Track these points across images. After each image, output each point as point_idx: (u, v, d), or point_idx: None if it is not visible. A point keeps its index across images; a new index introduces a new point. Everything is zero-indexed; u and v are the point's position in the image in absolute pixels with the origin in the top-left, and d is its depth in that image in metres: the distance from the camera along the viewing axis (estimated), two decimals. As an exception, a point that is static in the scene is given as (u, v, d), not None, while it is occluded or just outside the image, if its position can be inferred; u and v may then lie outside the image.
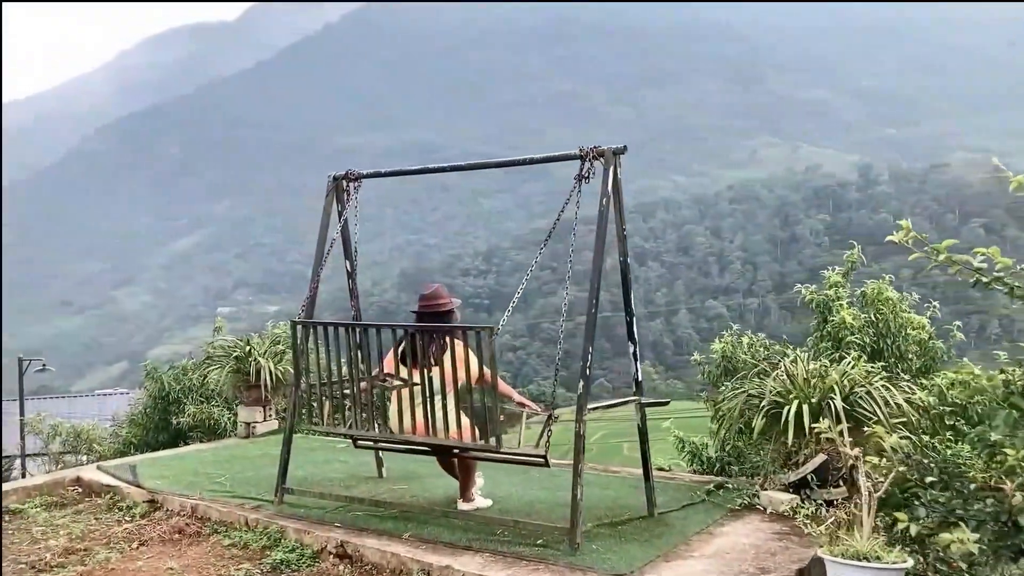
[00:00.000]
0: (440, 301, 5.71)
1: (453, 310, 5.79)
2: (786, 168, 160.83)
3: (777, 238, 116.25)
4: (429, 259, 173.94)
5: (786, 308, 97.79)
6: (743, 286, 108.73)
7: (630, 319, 5.54)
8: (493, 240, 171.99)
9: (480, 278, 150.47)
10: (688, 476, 6.87)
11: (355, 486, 6.52)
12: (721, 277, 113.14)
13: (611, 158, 5.19)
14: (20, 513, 6.26)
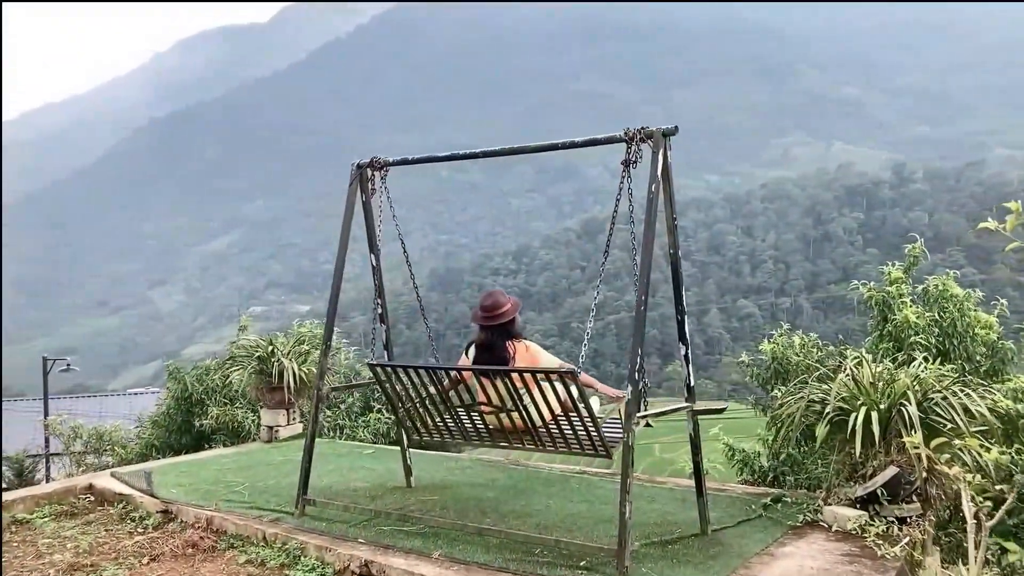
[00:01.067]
0: (499, 311, 5.45)
1: (515, 318, 5.54)
2: (818, 167, 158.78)
3: (809, 237, 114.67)
4: (459, 259, 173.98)
5: (819, 307, 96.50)
6: (775, 285, 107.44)
7: (681, 317, 5.05)
8: (523, 240, 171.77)
9: (510, 277, 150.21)
10: (740, 488, 6.35)
11: (382, 496, 6.08)
12: (753, 276, 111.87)
13: (660, 140, 4.70)
14: (27, 523, 5.90)
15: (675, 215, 4.93)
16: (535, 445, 5.03)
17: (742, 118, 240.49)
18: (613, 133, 4.87)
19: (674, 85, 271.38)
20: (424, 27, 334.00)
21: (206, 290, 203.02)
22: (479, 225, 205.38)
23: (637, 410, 4.46)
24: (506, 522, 5.38)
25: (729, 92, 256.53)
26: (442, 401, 5.20)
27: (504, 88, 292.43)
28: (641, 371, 4.48)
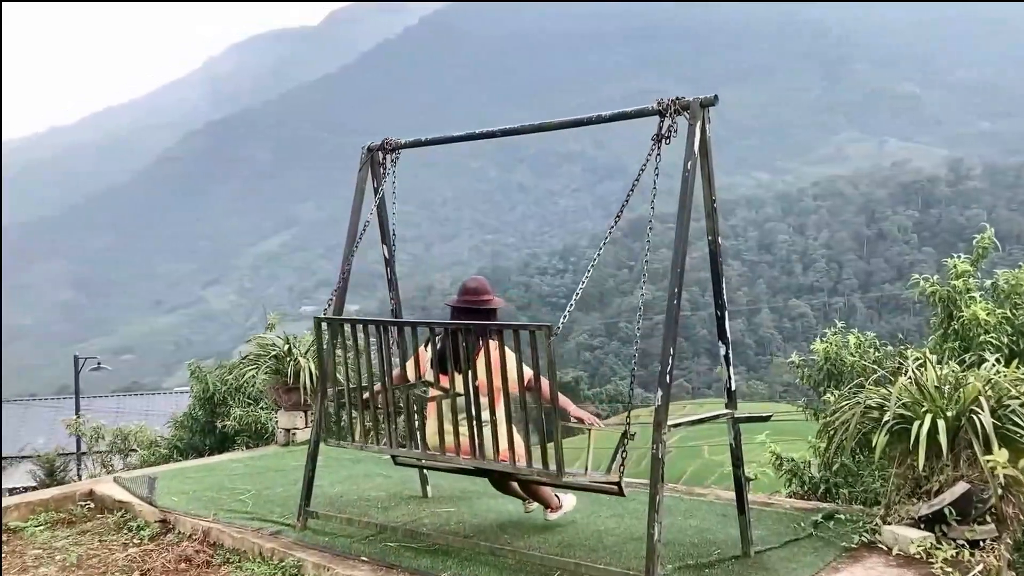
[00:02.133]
0: (484, 297, 4.80)
1: (496, 310, 4.88)
2: (873, 164, 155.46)
3: (863, 235, 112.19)
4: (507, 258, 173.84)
5: (872, 307, 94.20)
6: (827, 285, 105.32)
7: (721, 314, 4.49)
8: (569, 239, 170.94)
9: (557, 277, 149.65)
10: (788, 502, 5.75)
11: (394, 507, 5.62)
12: (804, 276, 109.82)
13: (698, 111, 4.16)
14: (19, 532, 5.55)
15: (714, 197, 4.37)
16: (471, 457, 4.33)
17: (794, 115, 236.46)
18: (644, 106, 4.33)
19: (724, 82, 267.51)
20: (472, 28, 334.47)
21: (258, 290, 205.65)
22: (526, 225, 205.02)
23: (666, 417, 3.92)
24: (526, 539, 4.88)
25: (781, 89, 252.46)
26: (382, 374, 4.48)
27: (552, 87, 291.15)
28: (671, 372, 3.93)
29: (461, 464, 4.46)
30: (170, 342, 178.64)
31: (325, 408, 4.97)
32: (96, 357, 19.21)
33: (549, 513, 5.08)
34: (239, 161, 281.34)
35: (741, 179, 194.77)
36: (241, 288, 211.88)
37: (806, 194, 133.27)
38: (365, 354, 4.57)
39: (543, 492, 5.04)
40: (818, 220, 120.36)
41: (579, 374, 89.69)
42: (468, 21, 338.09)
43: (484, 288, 4.85)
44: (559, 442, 4.00)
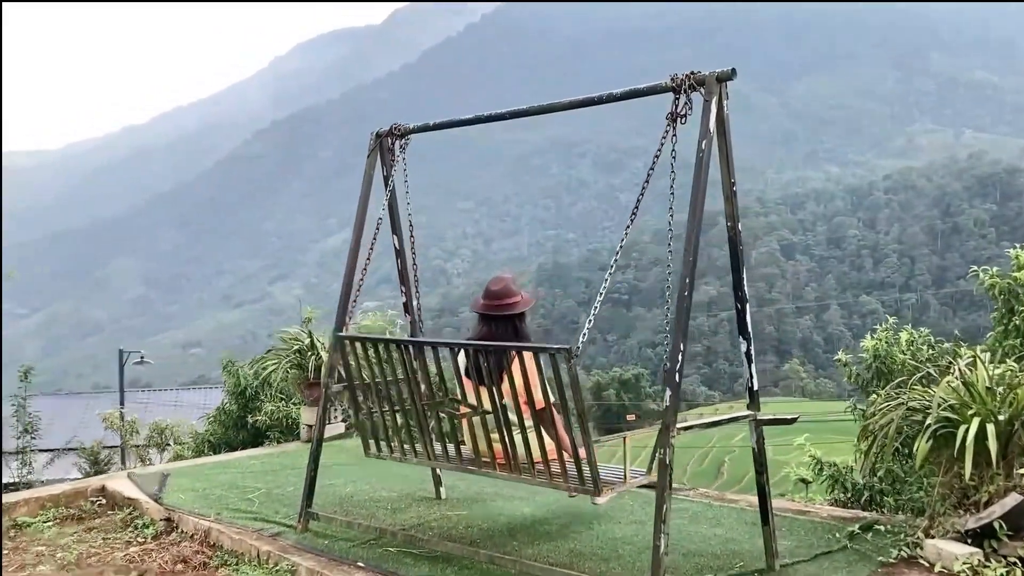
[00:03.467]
0: (509, 300, 4.51)
1: (523, 313, 4.58)
2: (948, 155, 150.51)
3: (937, 229, 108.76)
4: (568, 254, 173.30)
5: (947, 304, 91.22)
6: (899, 280, 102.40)
7: (741, 306, 4.11)
8: (632, 235, 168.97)
9: (619, 273, 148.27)
10: (826, 510, 5.33)
11: (404, 509, 5.37)
12: (875, 271, 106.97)
13: (714, 86, 3.81)
14: (25, 528, 5.45)
15: (733, 179, 4.00)
16: (508, 472, 4.12)
17: (866, 106, 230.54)
18: (657, 82, 3.99)
19: (793, 74, 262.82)
20: (534, 25, 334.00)
21: (323, 285, 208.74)
22: (588, 220, 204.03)
23: (675, 420, 3.58)
24: (535, 546, 4.58)
25: (851, 80, 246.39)
26: (409, 393, 4.29)
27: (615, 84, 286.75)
28: (680, 370, 3.59)
29: (498, 476, 4.24)
30: (237, 336, 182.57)
31: (361, 422, 4.71)
32: (140, 351, 19.43)
33: (596, 498, 4.70)
34: (305, 159, 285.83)
35: (811, 172, 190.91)
36: (307, 284, 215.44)
37: (877, 187, 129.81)
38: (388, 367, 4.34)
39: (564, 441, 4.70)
40: (890, 214, 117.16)
41: (640, 371, 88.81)
42: (531, 19, 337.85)
43: (508, 290, 4.54)
44: (593, 459, 3.74)
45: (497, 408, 3.90)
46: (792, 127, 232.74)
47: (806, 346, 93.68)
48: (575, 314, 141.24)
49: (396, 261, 5.44)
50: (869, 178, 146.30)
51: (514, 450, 3.99)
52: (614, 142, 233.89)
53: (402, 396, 4.37)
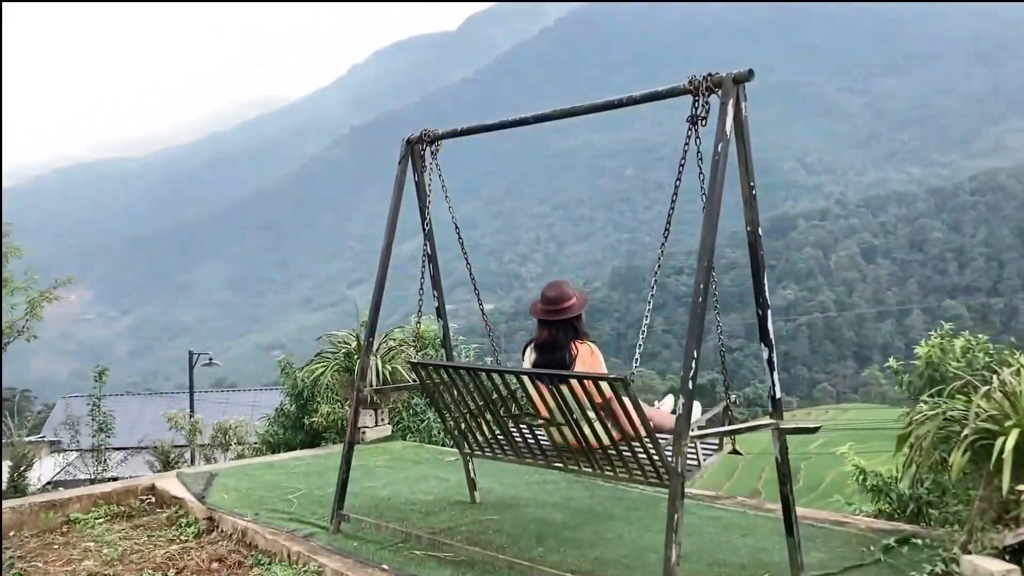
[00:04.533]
0: (565, 304, 4.67)
1: (579, 316, 4.76)
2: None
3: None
4: (642, 257, 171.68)
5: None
6: (986, 285, 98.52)
7: (763, 313, 4.03)
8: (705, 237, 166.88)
9: (693, 276, 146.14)
10: (865, 522, 5.18)
11: (437, 513, 5.41)
12: (960, 275, 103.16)
13: (731, 88, 3.75)
14: (77, 524, 5.66)
15: (752, 183, 3.94)
16: (592, 468, 4.21)
17: (951, 105, 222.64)
18: (675, 85, 3.95)
19: (876, 73, 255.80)
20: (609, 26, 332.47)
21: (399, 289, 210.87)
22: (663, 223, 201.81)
23: (687, 428, 3.53)
24: (560, 552, 4.57)
25: (936, 78, 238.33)
26: (488, 409, 4.46)
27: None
28: (695, 377, 3.54)
29: (582, 472, 4.36)
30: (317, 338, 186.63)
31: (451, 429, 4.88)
32: (208, 353, 19.99)
33: None
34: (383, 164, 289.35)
35: (892, 174, 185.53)
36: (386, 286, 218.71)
37: (963, 189, 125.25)
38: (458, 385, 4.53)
39: None
40: (976, 216, 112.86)
41: (715, 376, 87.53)
42: (605, 19, 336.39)
43: (563, 294, 4.71)
44: (663, 454, 3.77)
45: (567, 416, 4.01)
46: (874, 127, 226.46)
47: (887, 352, 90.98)
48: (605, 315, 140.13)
49: (428, 266, 5.49)
50: (954, 179, 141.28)
51: (587, 441, 4.09)
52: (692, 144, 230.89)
53: (483, 409, 4.52)
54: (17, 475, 11.23)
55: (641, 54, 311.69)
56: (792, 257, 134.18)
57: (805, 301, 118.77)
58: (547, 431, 4.35)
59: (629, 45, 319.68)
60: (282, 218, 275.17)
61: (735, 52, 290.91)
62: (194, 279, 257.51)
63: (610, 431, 3.98)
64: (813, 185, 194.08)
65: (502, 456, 4.72)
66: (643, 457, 3.93)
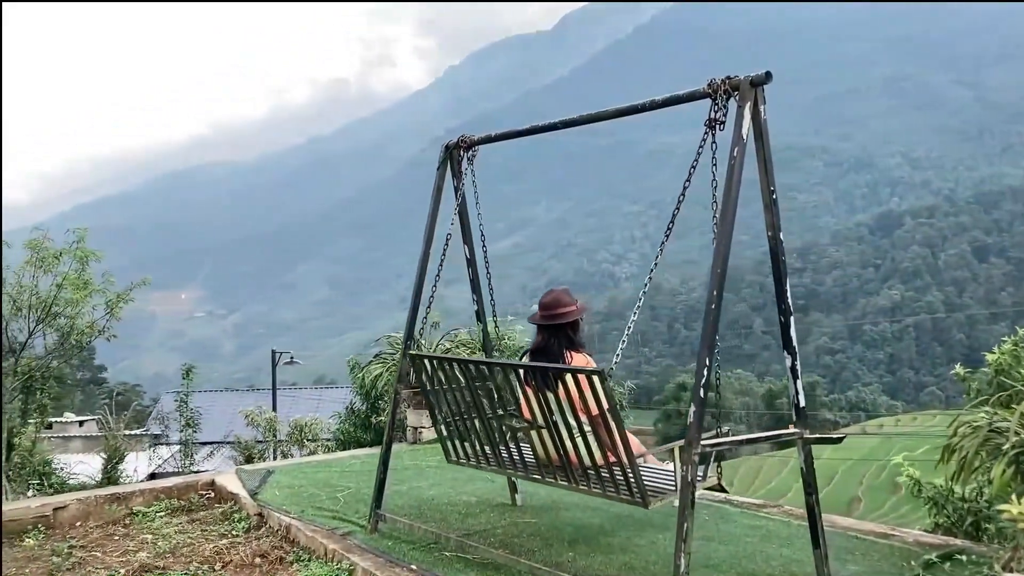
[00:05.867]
0: (560, 311, 4.68)
1: (578, 321, 4.74)
2: None
3: None
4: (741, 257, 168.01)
5: None
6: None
7: (785, 319, 3.94)
8: (808, 236, 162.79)
9: (794, 277, 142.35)
10: (914, 535, 4.99)
11: (476, 515, 5.47)
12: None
13: (747, 91, 3.68)
14: (138, 517, 5.94)
15: (772, 187, 3.85)
16: (569, 482, 4.16)
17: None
18: (694, 89, 3.90)
19: (987, 63, 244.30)
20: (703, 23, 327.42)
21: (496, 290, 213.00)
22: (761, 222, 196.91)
23: (699, 437, 3.48)
24: (589, 557, 4.57)
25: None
26: (476, 407, 4.46)
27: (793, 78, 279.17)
28: (707, 385, 3.48)
29: (558, 485, 4.29)
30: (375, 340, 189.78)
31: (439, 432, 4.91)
32: (290, 352, 20.58)
33: None
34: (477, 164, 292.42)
35: (1007, 168, 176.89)
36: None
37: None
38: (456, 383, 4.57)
39: None
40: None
41: (816, 379, 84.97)
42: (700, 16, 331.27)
43: (557, 301, 4.72)
44: (638, 474, 3.72)
45: (548, 420, 3.99)
46: (987, 120, 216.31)
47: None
48: (747, 319, 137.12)
49: (467, 271, 5.56)
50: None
51: (568, 456, 4.05)
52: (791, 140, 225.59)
53: (471, 408, 4.52)
54: (110, 467, 11.82)
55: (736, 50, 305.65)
56: (898, 256, 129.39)
57: (912, 302, 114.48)
58: (529, 441, 4.32)
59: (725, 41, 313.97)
60: (379, 219, 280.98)
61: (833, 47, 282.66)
62: (295, 279, 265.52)
63: (592, 451, 3.92)
64: (920, 181, 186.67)
65: (485, 465, 4.69)
66: (619, 476, 3.87)
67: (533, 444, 4.30)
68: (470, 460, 4.77)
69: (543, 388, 3.99)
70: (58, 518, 5.72)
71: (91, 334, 8.95)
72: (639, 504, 3.85)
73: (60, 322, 8.66)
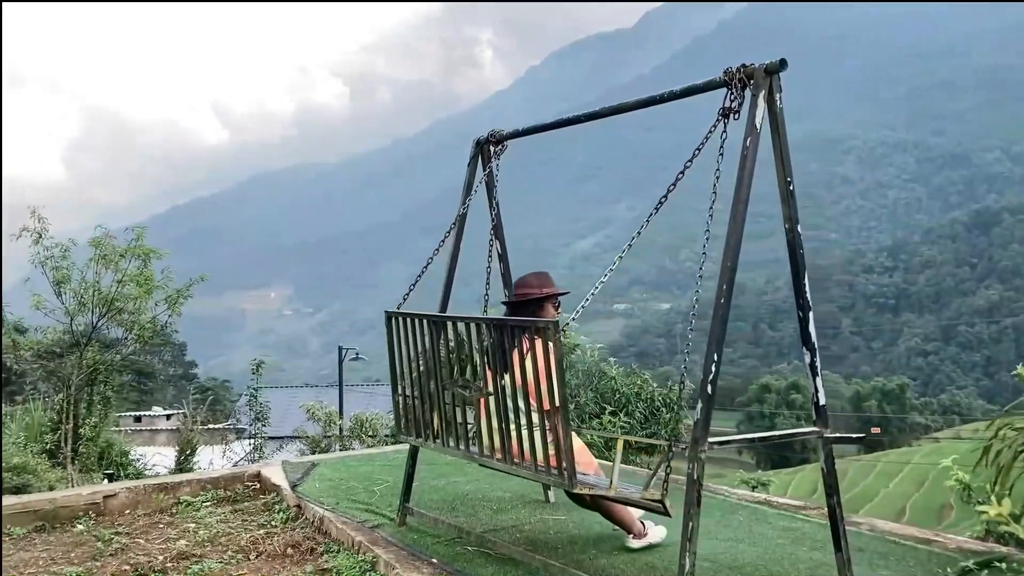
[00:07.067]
0: (524, 290, 4.70)
1: (542, 301, 4.63)
2: None
3: None
4: (827, 255, 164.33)
5: None
6: None
7: (803, 315, 3.82)
8: (900, 234, 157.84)
9: (885, 275, 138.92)
10: (958, 541, 4.78)
11: (507, 510, 5.47)
12: None
13: (762, 80, 3.58)
14: (185, 507, 6.12)
15: (789, 179, 3.74)
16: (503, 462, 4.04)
17: None
18: (712, 78, 3.82)
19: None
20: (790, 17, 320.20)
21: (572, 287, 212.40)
22: (851, 219, 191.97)
23: (706, 435, 3.40)
24: (609, 557, 4.52)
25: None
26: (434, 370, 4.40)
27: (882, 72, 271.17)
28: (714, 382, 3.40)
29: (494, 467, 4.20)
30: None
31: (396, 404, 4.91)
32: (355, 348, 20.94)
33: (631, 540, 4.62)
34: (557, 164, 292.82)
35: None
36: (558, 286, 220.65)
37: None
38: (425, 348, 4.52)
39: (620, 514, 4.59)
40: None
41: (906, 381, 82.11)
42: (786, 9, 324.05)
43: (523, 282, 4.78)
44: (571, 448, 3.61)
45: (500, 401, 3.89)
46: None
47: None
48: (835, 319, 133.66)
49: (499, 265, 5.58)
50: None
51: (509, 442, 3.93)
52: (881, 136, 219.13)
53: (427, 376, 4.47)
54: (183, 459, 12.24)
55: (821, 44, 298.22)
56: (996, 255, 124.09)
57: (1011, 302, 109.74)
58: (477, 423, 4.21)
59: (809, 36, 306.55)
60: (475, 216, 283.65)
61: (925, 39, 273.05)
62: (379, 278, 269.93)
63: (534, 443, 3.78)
64: (1020, 176, 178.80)
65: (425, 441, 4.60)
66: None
67: (479, 425, 4.18)
68: (411, 436, 4.73)
69: (500, 370, 3.91)
70: (108, 505, 5.94)
71: (152, 329, 9.30)
72: (563, 485, 3.73)
73: (123, 317, 9.04)
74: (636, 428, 9.86)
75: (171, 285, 9.27)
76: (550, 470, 3.74)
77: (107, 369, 9.24)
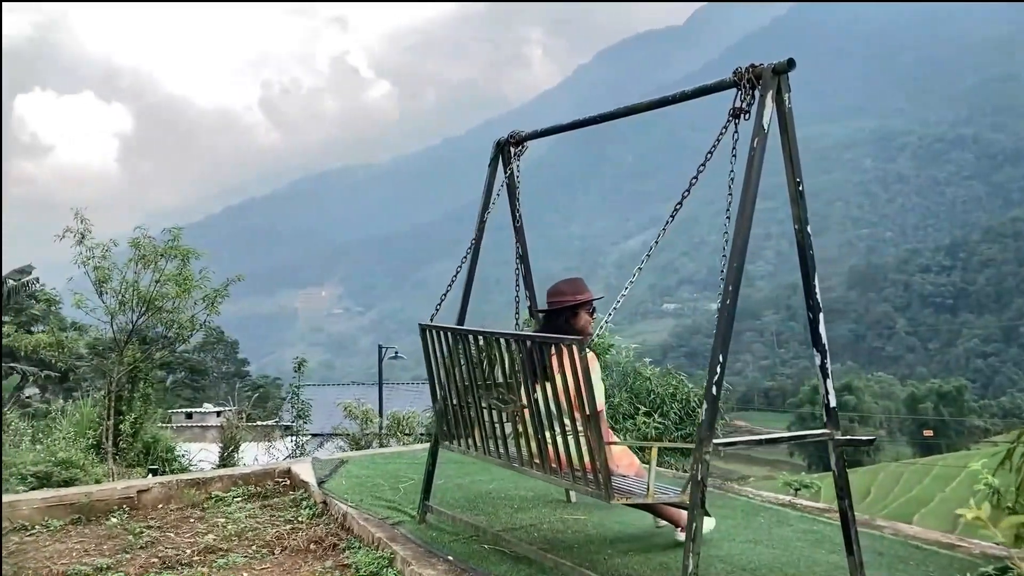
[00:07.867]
0: (557, 299, 4.66)
1: (576, 308, 4.62)
2: None
3: None
4: (883, 254, 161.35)
5: None
6: None
7: (814, 316, 3.78)
8: (958, 233, 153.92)
9: (942, 275, 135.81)
10: (983, 547, 4.69)
11: (527, 509, 5.51)
12: None
13: (770, 80, 3.56)
14: (215, 502, 6.26)
15: (799, 179, 3.71)
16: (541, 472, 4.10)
17: None
18: (721, 79, 3.81)
19: None
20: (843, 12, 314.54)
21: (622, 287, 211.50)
22: (907, 217, 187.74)
23: (711, 436, 3.39)
24: (626, 556, 4.54)
25: None
26: (470, 382, 4.46)
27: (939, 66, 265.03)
28: (719, 383, 3.40)
29: (533, 475, 4.23)
30: None
31: (436, 411, 4.99)
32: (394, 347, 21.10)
33: (679, 533, 4.66)
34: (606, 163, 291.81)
35: None
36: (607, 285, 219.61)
37: None
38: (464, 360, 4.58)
39: (666, 509, 4.63)
40: None
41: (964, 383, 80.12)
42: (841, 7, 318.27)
43: (556, 290, 4.71)
44: (605, 463, 3.65)
45: (538, 410, 3.92)
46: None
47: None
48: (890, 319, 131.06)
49: (519, 266, 5.60)
50: None
51: (546, 451, 3.98)
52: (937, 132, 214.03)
53: (465, 386, 4.53)
54: (226, 455, 12.49)
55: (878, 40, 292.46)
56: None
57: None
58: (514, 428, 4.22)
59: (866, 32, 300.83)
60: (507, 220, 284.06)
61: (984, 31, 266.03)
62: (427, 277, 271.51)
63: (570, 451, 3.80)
64: None
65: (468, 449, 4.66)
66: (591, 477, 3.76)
67: (516, 433, 4.21)
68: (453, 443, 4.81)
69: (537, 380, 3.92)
70: (142, 500, 6.10)
71: (190, 328, 9.51)
72: (601, 497, 3.74)
73: (162, 316, 9.26)
74: (671, 429, 9.83)
75: (209, 285, 9.48)
76: (587, 479, 3.78)
77: (147, 367, 9.47)
